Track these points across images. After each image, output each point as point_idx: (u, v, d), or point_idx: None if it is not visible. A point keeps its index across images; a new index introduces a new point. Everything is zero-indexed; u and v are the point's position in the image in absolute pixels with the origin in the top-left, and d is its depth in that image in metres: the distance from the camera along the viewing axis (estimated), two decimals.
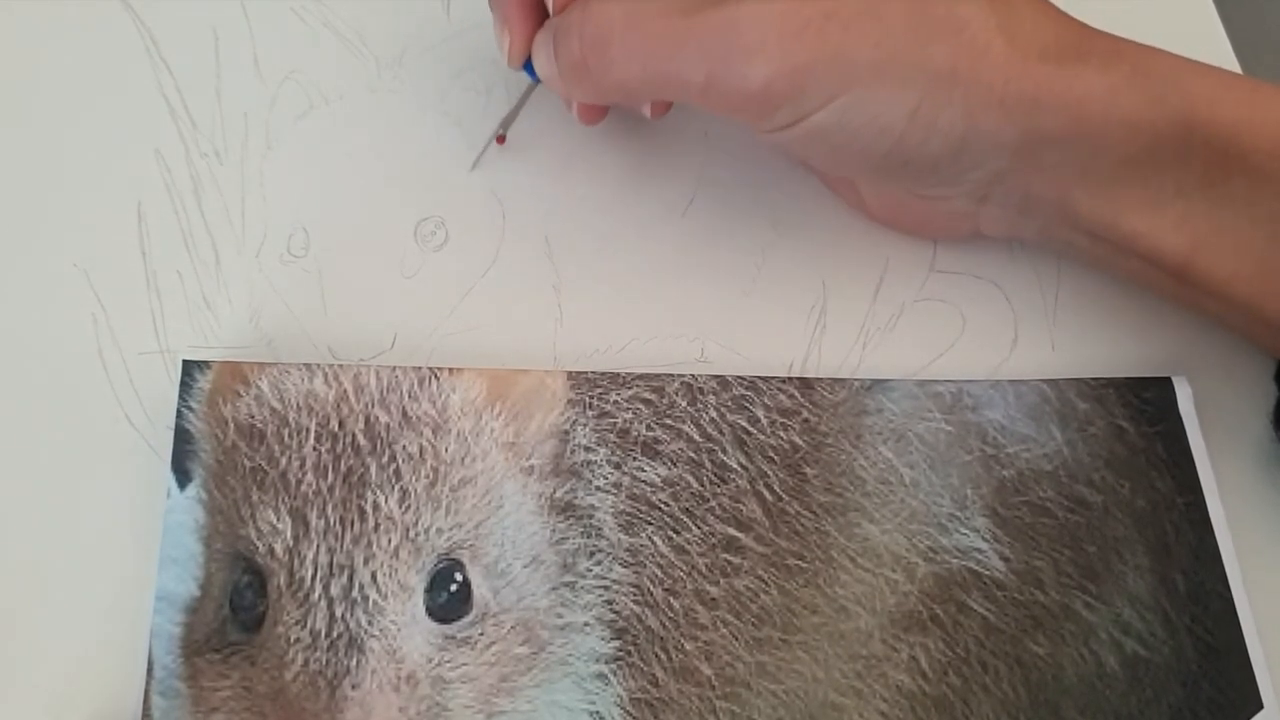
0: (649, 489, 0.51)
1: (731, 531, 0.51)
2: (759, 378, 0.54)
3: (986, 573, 0.51)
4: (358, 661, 0.47)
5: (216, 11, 0.64)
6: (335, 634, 0.47)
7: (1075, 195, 0.52)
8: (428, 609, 0.48)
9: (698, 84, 0.49)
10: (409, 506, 0.49)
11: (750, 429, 0.53)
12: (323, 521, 0.48)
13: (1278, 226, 0.50)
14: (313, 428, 0.50)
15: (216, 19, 0.64)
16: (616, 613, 0.49)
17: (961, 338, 0.57)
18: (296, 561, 0.48)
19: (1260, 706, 0.50)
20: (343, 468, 0.49)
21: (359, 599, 0.47)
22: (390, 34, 0.64)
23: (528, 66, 0.56)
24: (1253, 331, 0.55)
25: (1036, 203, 0.53)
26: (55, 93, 0.61)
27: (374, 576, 0.48)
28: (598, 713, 0.48)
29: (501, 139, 0.60)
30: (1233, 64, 0.64)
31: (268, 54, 0.63)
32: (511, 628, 0.48)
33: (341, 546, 0.48)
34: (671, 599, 0.50)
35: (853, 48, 0.48)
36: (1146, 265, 0.53)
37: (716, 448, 0.52)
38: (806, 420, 0.53)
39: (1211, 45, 0.66)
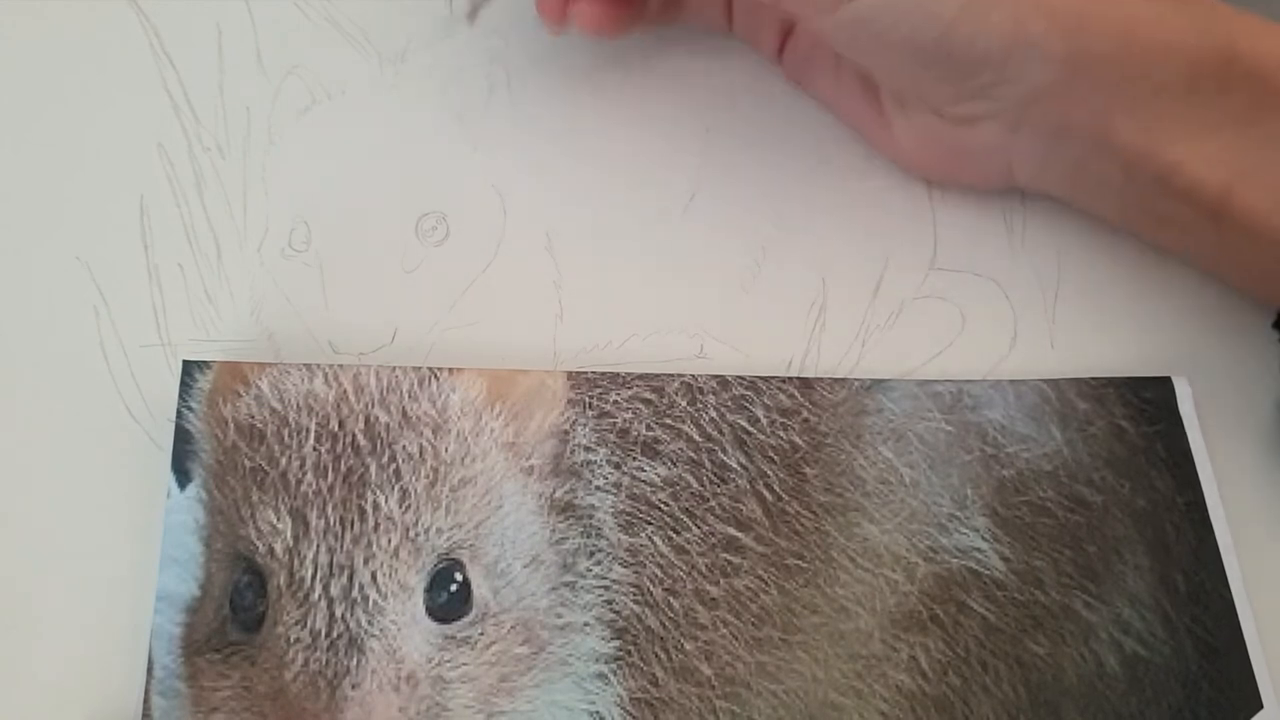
0: (649, 489, 0.50)
1: (731, 531, 0.50)
2: (759, 378, 0.53)
3: (986, 572, 0.51)
4: (358, 661, 0.46)
5: (220, 6, 0.63)
6: (335, 634, 0.46)
7: (1115, 122, 0.51)
8: (428, 609, 0.47)
9: None
10: (409, 506, 0.48)
11: (750, 429, 0.52)
12: (323, 521, 0.48)
13: None
14: (313, 428, 0.49)
15: (220, 13, 0.63)
16: (616, 613, 0.49)
17: (961, 335, 0.56)
18: (296, 561, 0.47)
19: (1260, 706, 0.49)
20: (343, 468, 0.49)
21: (359, 599, 0.47)
22: (393, 29, 0.63)
23: None
24: None
25: (1074, 131, 0.52)
26: (59, 86, 0.61)
27: (374, 576, 0.47)
28: (598, 712, 0.47)
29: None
30: None
31: (271, 49, 0.62)
32: (511, 627, 0.48)
33: (341, 546, 0.47)
34: (671, 599, 0.49)
35: None
36: (1182, 204, 0.52)
37: (716, 447, 0.51)
38: (806, 420, 0.52)
39: None
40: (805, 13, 0.52)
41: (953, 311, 0.57)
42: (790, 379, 0.53)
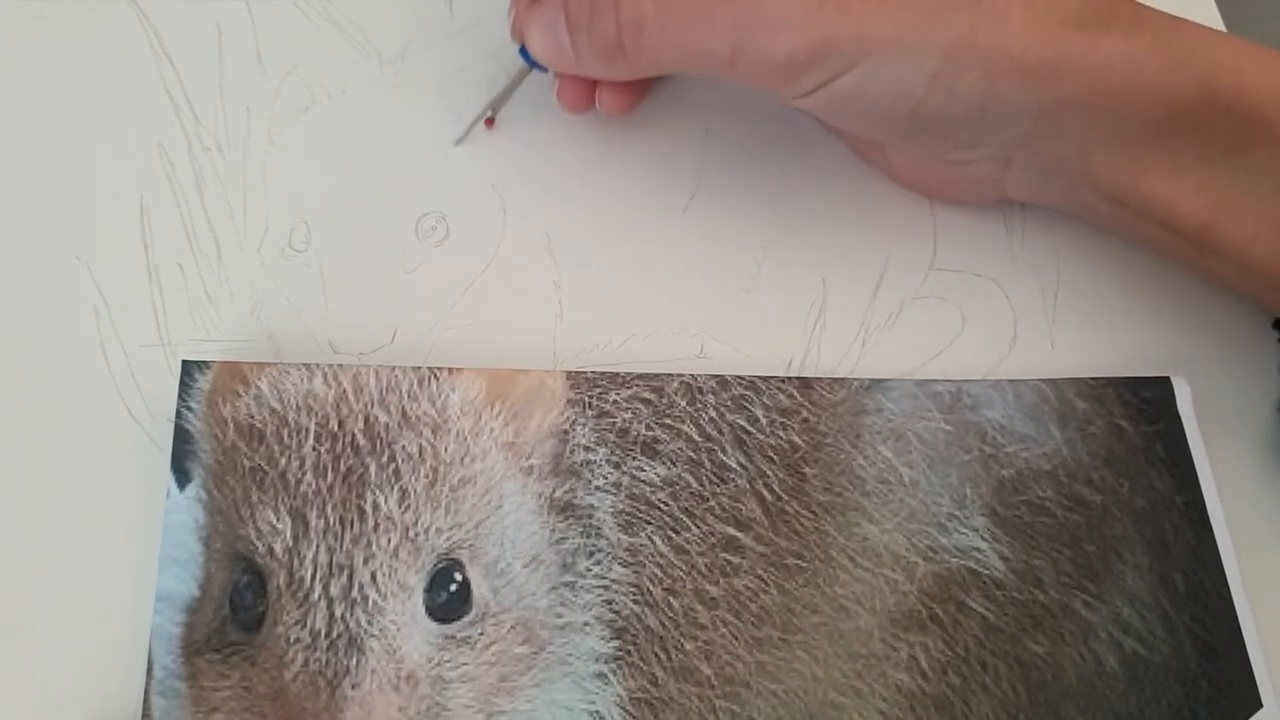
0: (648, 488, 0.50)
1: (731, 531, 0.50)
2: (758, 377, 0.53)
3: (986, 572, 0.50)
4: (357, 661, 0.46)
5: (220, 6, 0.63)
6: (335, 634, 0.46)
7: (1097, 160, 0.52)
8: (427, 609, 0.47)
9: (725, 57, 0.50)
10: (408, 506, 0.48)
11: (749, 429, 0.52)
12: (322, 521, 0.48)
13: None
14: (312, 428, 0.49)
15: (220, 14, 0.63)
16: (616, 612, 0.48)
17: (961, 335, 0.56)
18: (296, 561, 0.47)
19: (1259, 705, 0.49)
20: (342, 468, 0.49)
21: (359, 599, 0.47)
22: (393, 30, 0.63)
23: (522, 50, 0.56)
24: (1272, 299, 0.54)
25: (1059, 167, 0.53)
26: (59, 86, 0.61)
27: (374, 576, 0.47)
28: (597, 712, 0.47)
29: (490, 122, 0.60)
30: None
31: (271, 49, 0.62)
32: (511, 627, 0.48)
33: (341, 546, 0.47)
34: (671, 598, 0.49)
35: (872, 19, 0.48)
36: (1165, 231, 0.53)
37: (716, 447, 0.51)
38: (806, 420, 0.52)
39: None
40: (783, 94, 0.52)
41: (953, 311, 0.57)
42: (789, 379, 0.53)
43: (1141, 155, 0.51)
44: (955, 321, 0.57)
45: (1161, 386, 0.54)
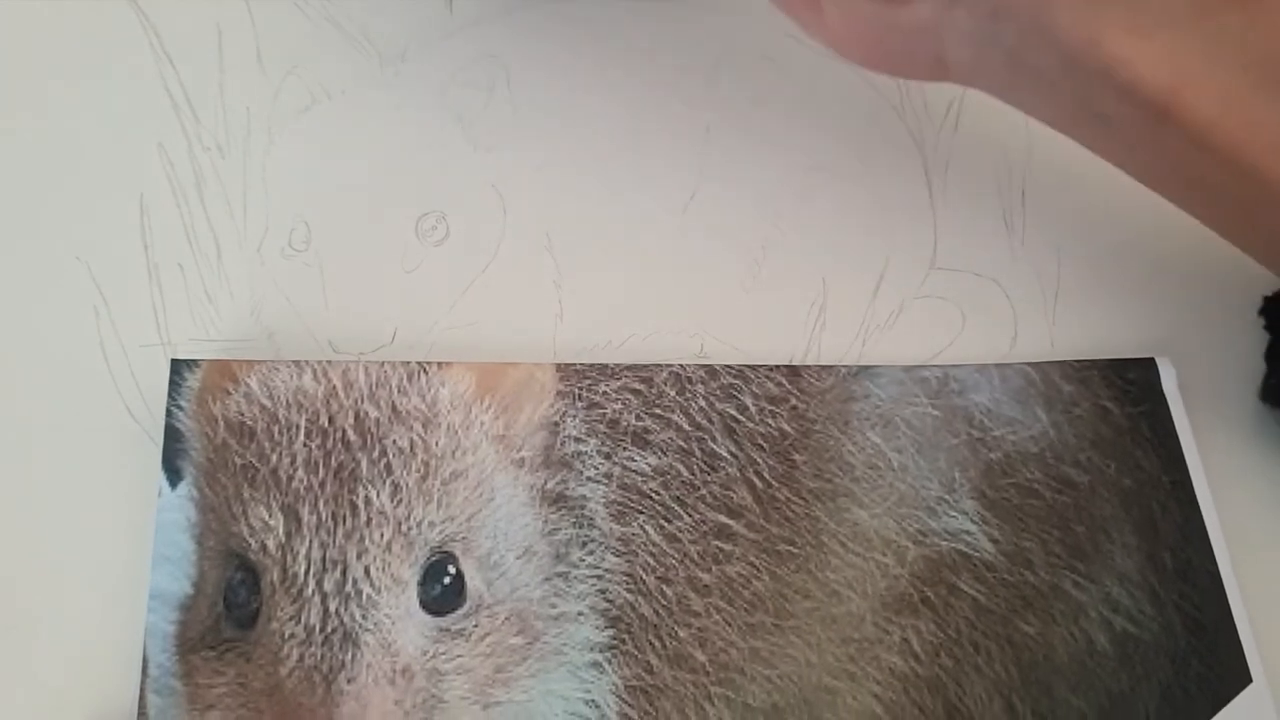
0: (640, 478, 0.49)
1: (722, 519, 0.49)
2: (747, 366, 0.52)
3: (976, 554, 0.49)
4: (353, 656, 0.44)
5: (220, 6, 0.62)
6: (330, 629, 0.45)
7: (1056, 7, 0.46)
8: (421, 602, 0.46)
9: None
10: (401, 500, 0.47)
11: (739, 417, 0.51)
12: (315, 517, 0.46)
13: (1267, 71, 0.46)
14: (302, 424, 0.48)
15: (220, 13, 0.62)
16: (610, 602, 0.47)
17: (961, 335, 0.55)
18: (289, 557, 0.46)
19: (1249, 681, 0.48)
20: (333, 463, 0.47)
21: (353, 593, 0.45)
22: (393, 29, 0.62)
23: None
24: (1223, 184, 0.49)
25: (1012, 12, 0.48)
26: (59, 85, 0.60)
27: (367, 571, 0.46)
28: (593, 701, 0.46)
29: None
30: None
31: (271, 49, 0.61)
32: (506, 619, 0.46)
33: (334, 541, 0.46)
34: (664, 587, 0.48)
35: None
36: (1122, 103, 0.47)
37: (706, 436, 0.50)
38: (795, 407, 0.51)
39: None
40: None
41: (953, 311, 0.56)
42: (778, 367, 0.52)
43: (1107, 7, 0.46)
44: (955, 321, 0.56)
45: (1146, 368, 0.53)
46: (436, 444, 0.48)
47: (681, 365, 0.52)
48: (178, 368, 0.50)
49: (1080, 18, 0.46)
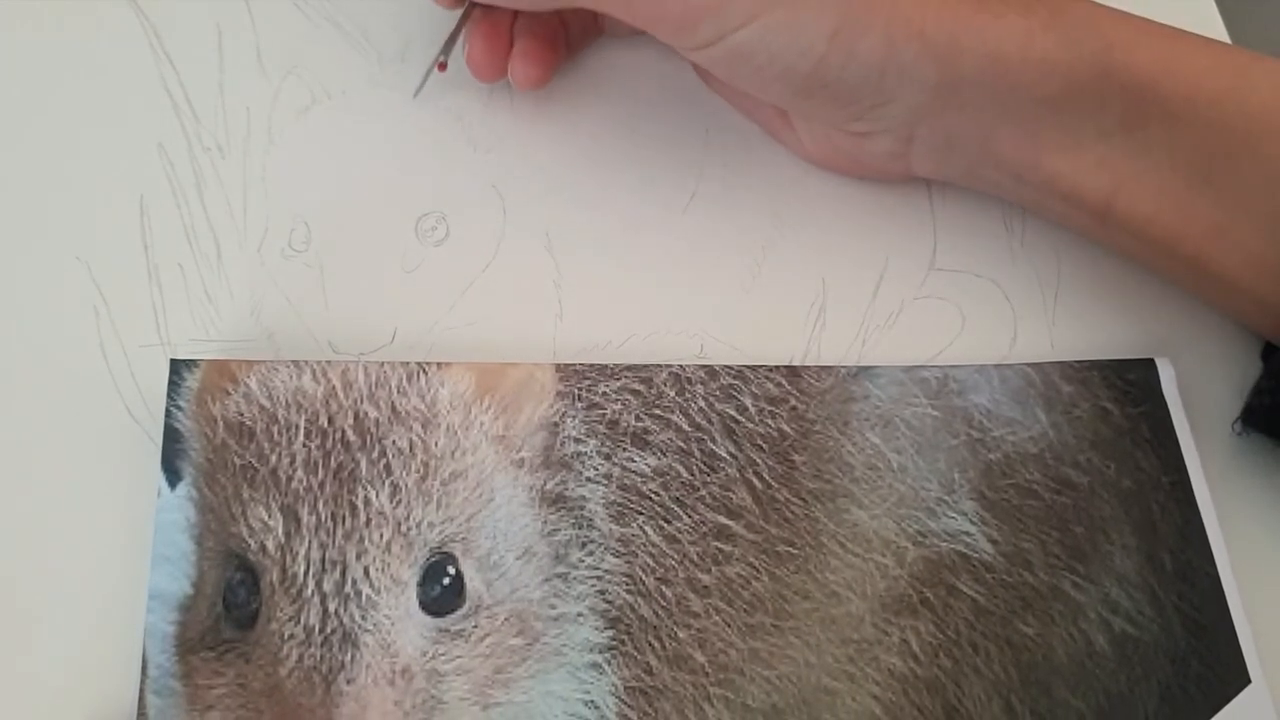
0: (639, 479, 0.49)
1: (722, 519, 0.49)
2: (746, 366, 0.52)
3: (975, 555, 0.49)
4: (352, 656, 0.44)
5: (220, 6, 0.61)
6: (329, 629, 0.45)
7: (997, 136, 0.51)
8: (421, 603, 0.46)
9: None
10: (400, 501, 0.47)
11: (739, 417, 0.51)
12: (314, 517, 0.46)
13: (1196, 171, 0.49)
14: (302, 424, 0.48)
15: (220, 14, 0.61)
16: (609, 602, 0.47)
17: (961, 335, 0.55)
18: (289, 558, 0.46)
19: (1248, 681, 0.48)
20: (333, 464, 0.47)
21: (352, 594, 0.45)
22: (393, 29, 0.62)
23: None
24: (1172, 270, 0.54)
25: (961, 144, 0.52)
26: (59, 86, 0.59)
27: (367, 571, 0.46)
28: (593, 702, 0.46)
29: (443, 66, 0.58)
30: None
31: (270, 49, 0.61)
32: (505, 620, 0.46)
33: (333, 542, 0.46)
34: (664, 588, 0.48)
35: None
36: (1069, 206, 0.52)
37: (705, 437, 0.50)
38: (794, 408, 0.51)
39: None
40: (681, 43, 0.51)
41: (953, 311, 0.56)
42: (777, 368, 0.52)
43: (1040, 131, 0.50)
44: (955, 321, 0.56)
45: (1146, 368, 0.53)
46: (436, 444, 0.48)
47: (681, 366, 0.51)
48: (177, 368, 0.50)
49: (1019, 143, 0.51)
